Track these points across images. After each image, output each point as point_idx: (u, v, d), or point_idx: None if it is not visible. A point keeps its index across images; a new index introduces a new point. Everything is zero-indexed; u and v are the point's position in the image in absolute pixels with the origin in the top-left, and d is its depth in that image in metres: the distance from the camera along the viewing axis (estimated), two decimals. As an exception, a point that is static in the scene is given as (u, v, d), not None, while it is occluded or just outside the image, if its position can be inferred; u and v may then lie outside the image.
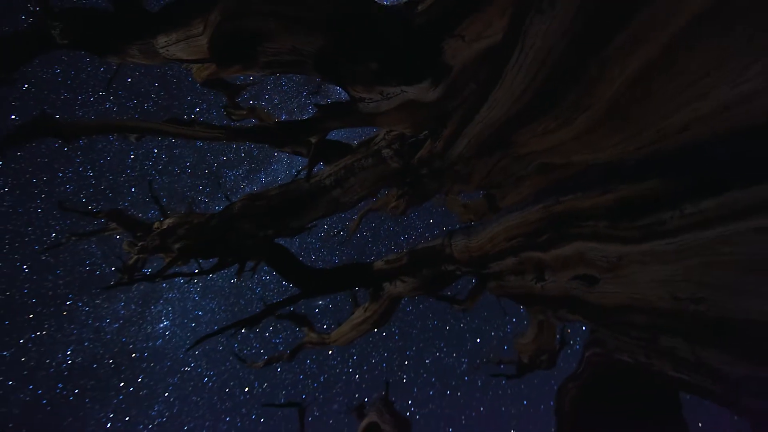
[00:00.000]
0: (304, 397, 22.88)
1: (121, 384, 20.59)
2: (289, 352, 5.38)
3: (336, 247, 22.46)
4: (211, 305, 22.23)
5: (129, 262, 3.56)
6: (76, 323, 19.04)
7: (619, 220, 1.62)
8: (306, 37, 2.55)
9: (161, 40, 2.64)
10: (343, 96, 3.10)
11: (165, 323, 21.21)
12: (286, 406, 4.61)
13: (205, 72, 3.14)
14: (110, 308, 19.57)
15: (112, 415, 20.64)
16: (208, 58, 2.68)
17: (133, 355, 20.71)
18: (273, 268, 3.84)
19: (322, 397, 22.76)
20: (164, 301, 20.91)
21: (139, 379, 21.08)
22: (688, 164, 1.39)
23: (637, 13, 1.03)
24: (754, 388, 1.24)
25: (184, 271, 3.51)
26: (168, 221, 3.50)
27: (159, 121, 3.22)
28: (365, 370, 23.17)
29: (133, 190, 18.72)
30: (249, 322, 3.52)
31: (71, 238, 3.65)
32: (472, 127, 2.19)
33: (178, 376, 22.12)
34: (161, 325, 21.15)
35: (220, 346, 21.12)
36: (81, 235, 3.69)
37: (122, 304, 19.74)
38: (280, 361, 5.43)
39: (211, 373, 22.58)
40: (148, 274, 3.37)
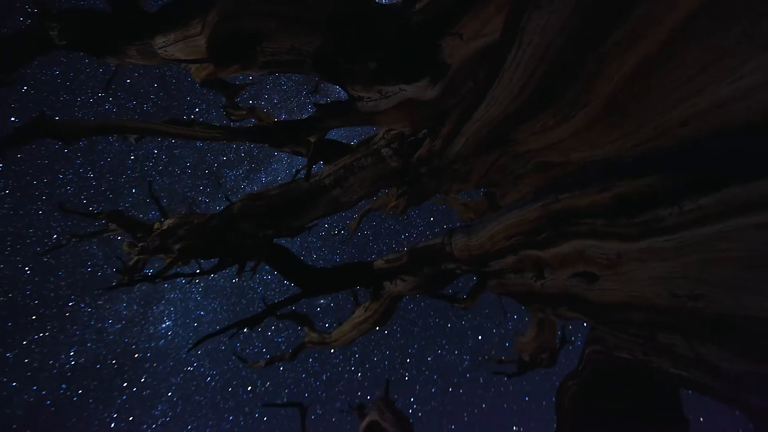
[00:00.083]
0: (307, 395, 22.98)
1: (125, 384, 20.70)
2: (291, 352, 5.40)
3: (337, 246, 22.51)
4: (213, 305, 22.31)
5: (129, 263, 3.57)
6: (79, 324, 19.13)
7: (618, 218, 1.62)
8: (305, 36, 2.55)
9: (159, 41, 2.64)
10: (342, 95, 3.10)
11: (167, 323, 21.31)
12: (286, 405, 4.62)
13: (203, 72, 3.15)
14: (112, 309, 19.65)
15: (115, 415, 20.75)
16: (207, 58, 2.68)
17: (136, 356, 20.81)
18: (273, 267, 3.85)
19: (324, 395, 22.88)
20: (166, 302, 21.00)
21: (142, 379, 21.18)
22: (687, 161, 1.39)
23: (635, 8, 1.03)
24: (753, 385, 1.24)
25: (185, 271, 3.52)
26: (168, 222, 3.51)
27: (158, 122, 3.23)
28: (367, 368, 23.26)
29: (134, 191, 18.77)
30: (250, 322, 3.53)
31: (72, 240, 3.66)
32: (470, 126, 2.18)
33: (181, 376, 22.23)
34: (163, 326, 21.24)
35: (222, 345, 21.19)
36: (81, 237, 3.70)
37: (124, 304, 19.83)
38: (281, 361, 5.44)
39: (214, 373, 22.69)
40: (149, 274, 3.38)
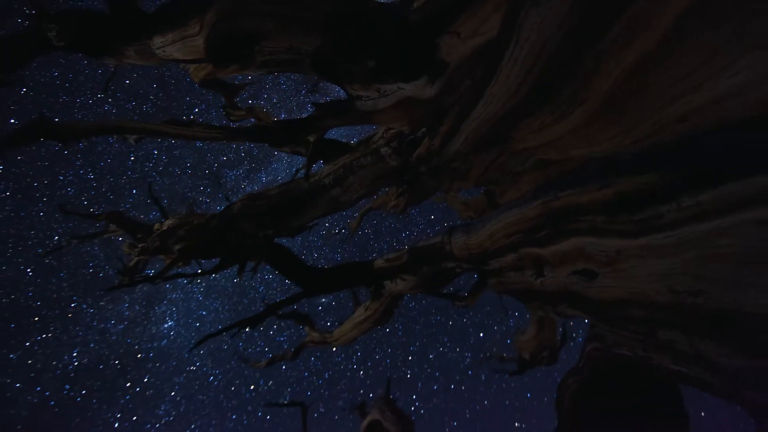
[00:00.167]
0: (309, 393, 23.06)
1: (128, 384, 20.79)
2: (292, 352, 5.41)
3: (338, 245, 22.54)
4: (214, 305, 22.38)
5: (130, 264, 3.58)
6: (81, 325, 19.21)
7: (617, 215, 1.62)
8: (303, 36, 2.55)
9: (157, 41, 2.64)
10: (341, 94, 3.10)
11: (169, 323, 21.38)
12: (288, 405, 4.63)
13: (202, 72, 3.15)
14: (114, 310, 19.72)
15: (119, 415, 20.85)
16: (205, 58, 2.68)
17: (139, 356, 20.89)
18: (273, 267, 3.85)
19: (327, 393, 22.96)
20: (168, 302, 21.07)
21: (146, 379, 21.27)
22: (685, 157, 1.39)
23: (631, 5, 1.02)
24: (752, 380, 1.24)
25: (185, 272, 3.53)
26: (168, 222, 3.51)
27: (158, 122, 3.23)
28: (369, 366, 23.33)
29: (134, 191, 18.81)
30: (251, 322, 3.54)
31: (72, 241, 3.67)
32: (469, 124, 2.18)
33: (184, 376, 22.31)
34: (166, 326, 21.31)
35: (224, 345, 21.26)
36: (82, 238, 3.71)
37: (126, 305, 19.90)
38: (282, 361, 5.45)
39: (217, 372, 22.77)
40: (150, 275, 3.39)
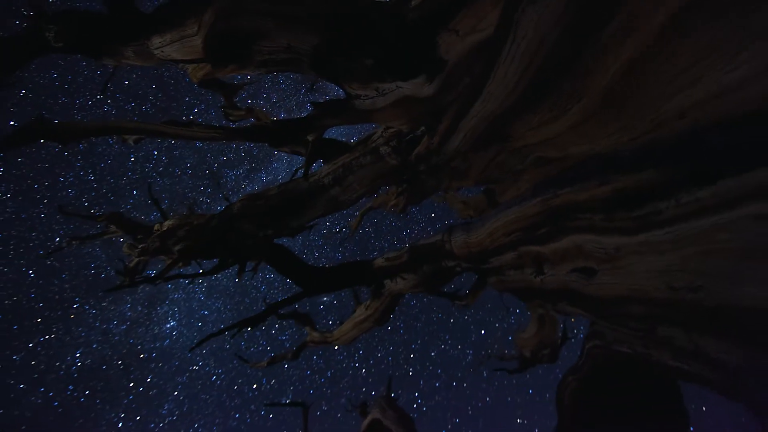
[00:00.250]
0: (312, 392, 23.14)
1: (131, 384, 20.87)
2: (293, 352, 5.42)
3: (339, 244, 22.58)
4: (216, 305, 22.45)
5: (130, 265, 3.59)
6: (84, 326, 19.28)
7: (616, 212, 1.61)
8: (302, 35, 2.55)
9: (156, 41, 2.64)
10: (340, 93, 3.09)
11: (171, 323, 21.46)
12: (289, 405, 4.64)
13: (200, 72, 3.14)
14: (117, 310, 19.80)
15: (123, 415, 20.95)
16: (203, 58, 2.68)
17: (142, 356, 20.97)
18: (273, 267, 3.86)
19: (329, 391, 23.05)
20: (170, 302, 21.15)
21: (149, 379, 21.36)
22: (684, 153, 1.38)
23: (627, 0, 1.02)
24: (753, 376, 1.23)
25: (185, 272, 3.53)
26: (168, 223, 3.52)
27: (157, 123, 3.23)
28: (371, 364, 23.42)
29: (135, 192, 18.86)
30: (251, 322, 3.55)
31: (72, 243, 3.68)
32: (467, 121, 2.17)
33: (187, 375, 22.41)
34: (168, 326, 21.39)
35: (227, 344, 21.33)
36: (82, 239, 3.72)
37: (128, 305, 19.97)
38: (283, 361, 5.46)
39: (219, 371, 22.86)
40: (150, 276, 3.39)
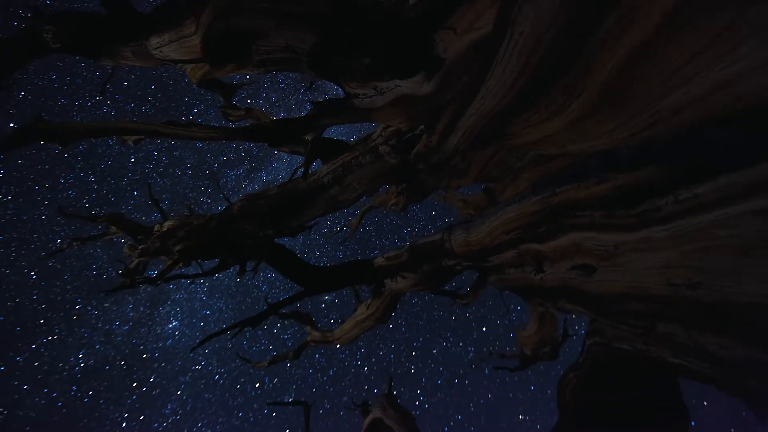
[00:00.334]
0: (314, 390, 23.23)
1: (134, 384, 20.96)
2: (294, 351, 5.43)
3: (340, 243, 22.60)
4: (218, 304, 22.51)
5: (130, 266, 3.60)
6: (87, 327, 19.36)
7: (615, 209, 1.61)
8: (301, 34, 2.54)
9: (154, 41, 2.63)
10: (339, 92, 3.09)
11: (174, 323, 21.52)
12: (291, 404, 4.65)
13: (199, 72, 3.14)
14: (119, 311, 19.87)
15: (126, 415, 21.05)
16: (201, 58, 2.68)
17: (144, 356, 21.06)
18: (274, 267, 3.86)
19: (332, 389, 23.13)
20: (172, 302, 21.21)
21: (152, 379, 21.44)
22: (683, 149, 1.38)
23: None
24: (751, 371, 1.23)
25: (186, 273, 3.54)
26: (168, 224, 3.52)
27: (156, 123, 3.23)
28: (373, 362, 23.49)
29: (135, 193, 18.89)
30: (252, 322, 3.55)
31: (72, 244, 3.69)
32: (466, 120, 2.17)
33: (190, 375, 22.49)
34: (170, 326, 21.46)
35: (229, 344, 21.38)
36: (82, 240, 3.73)
37: (131, 306, 20.03)
38: (284, 361, 5.47)
39: (222, 371, 22.94)
40: (151, 276, 3.40)
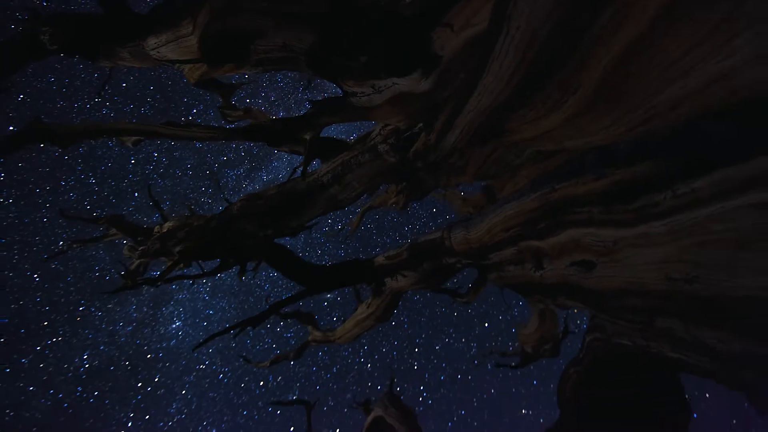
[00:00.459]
0: (318, 388, 23.31)
1: (139, 384, 21.07)
2: (295, 351, 5.44)
3: (341, 241, 22.61)
4: (221, 304, 22.57)
5: (131, 267, 3.61)
6: (90, 328, 19.44)
7: (613, 205, 1.61)
8: (298, 33, 2.54)
9: (151, 42, 2.64)
10: (338, 91, 3.08)
11: (177, 323, 21.60)
12: (293, 403, 4.68)
13: (197, 72, 3.14)
14: (122, 312, 19.94)
15: (132, 415, 21.18)
16: (199, 58, 2.68)
17: (148, 356, 21.15)
18: (274, 267, 3.86)
19: (335, 387, 23.22)
20: (175, 303, 21.27)
21: (156, 379, 21.55)
22: (680, 144, 1.37)
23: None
24: (749, 364, 1.23)
25: (186, 273, 3.55)
26: (168, 225, 3.53)
27: (155, 123, 3.24)
28: (376, 359, 23.55)
29: (136, 194, 18.91)
30: (254, 321, 3.56)
31: (73, 246, 3.71)
32: (464, 117, 2.16)
33: (194, 374, 22.59)
34: (173, 326, 21.53)
35: (233, 343, 21.44)
36: (82, 242, 3.74)
37: (134, 307, 20.10)
38: (286, 360, 5.49)
39: (226, 370, 23.03)
40: (151, 277, 3.41)
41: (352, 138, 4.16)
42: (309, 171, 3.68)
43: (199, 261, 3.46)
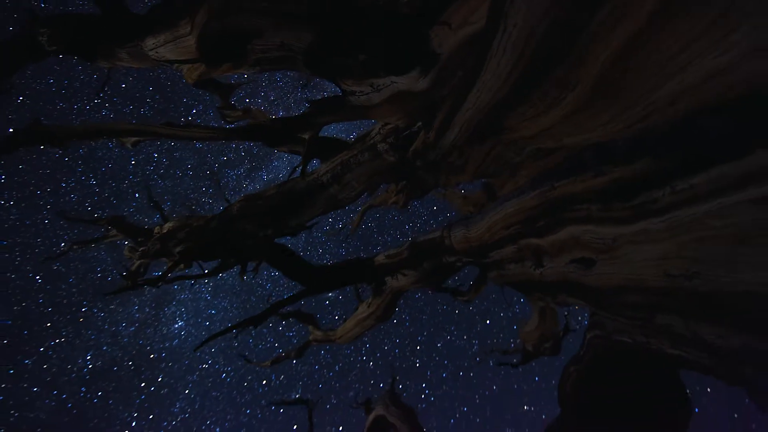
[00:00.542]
0: (321, 386, 23.36)
1: (142, 384, 21.15)
2: (296, 351, 5.45)
3: (342, 240, 22.61)
4: (223, 303, 22.63)
5: (132, 268, 3.62)
6: (93, 329, 19.51)
7: (612, 202, 1.61)
8: (298, 33, 2.54)
9: (149, 42, 2.64)
10: (338, 90, 3.08)
11: (180, 323, 21.66)
12: (294, 403, 4.69)
13: (195, 72, 3.14)
14: (125, 312, 20.00)
15: (136, 414, 21.26)
16: (197, 58, 2.68)
17: (152, 356, 21.23)
18: (274, 267, 3.87)
19: (338, 385, 23.27)
20: (177, 303, 21.33)
21: (159, 379, 21.63)
22: (678, 140, 1.37)
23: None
24: (748, 360, 1.23)
25: (187, 273, 3.56)
26: (168, 225, 3.54)
27: (154, 124, 3.24)
28: (378, 357, 23.58)
29: (137, 195, 18.94)
30: (254, 321, 3.57)
31: (73, 247, 3.72)
32: (462, 115, 2.16)
33: (197, 374, 22.65)
34: (176, 326, 21.60)
35: (235, 342, 21.40)
36: (83, 243, 3.75)
37: (136, 307, 20.16)
38: (287, 360, 5.50)
39: (229, 369, 23.08)
40: (152, 278, 3.42)
41: (352, 137, 4.16)
42: (308, 170, 3.68)
43: (200, 261, 3.47)
